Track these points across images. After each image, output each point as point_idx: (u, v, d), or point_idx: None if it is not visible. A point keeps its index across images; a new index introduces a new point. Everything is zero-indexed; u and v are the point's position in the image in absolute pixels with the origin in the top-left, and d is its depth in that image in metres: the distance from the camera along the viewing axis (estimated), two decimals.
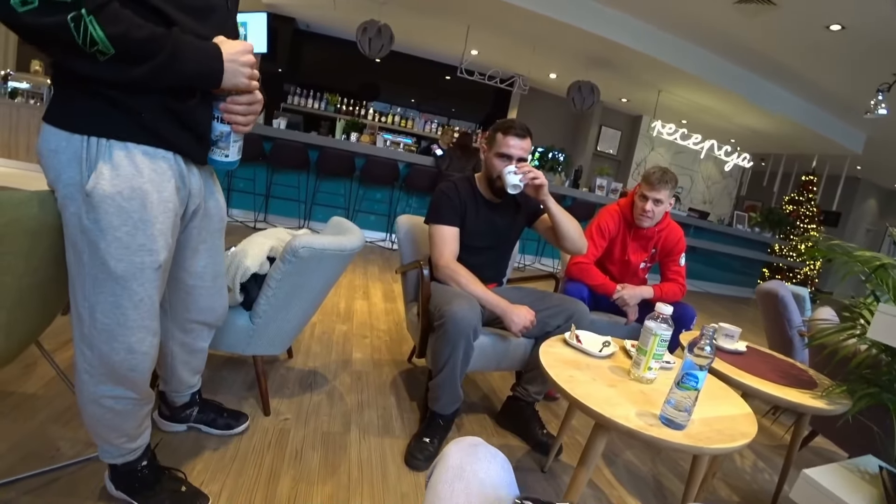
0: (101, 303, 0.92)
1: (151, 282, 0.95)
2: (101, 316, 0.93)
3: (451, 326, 1.48)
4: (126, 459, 1.14)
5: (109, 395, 1.02)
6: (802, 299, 2.64)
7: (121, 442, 1.10)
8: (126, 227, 0.89)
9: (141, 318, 0.96)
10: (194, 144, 0.99)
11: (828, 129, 6.90)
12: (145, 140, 0.89)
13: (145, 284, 0.94)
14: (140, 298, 0.94)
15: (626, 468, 1.84)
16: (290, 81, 7.66)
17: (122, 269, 0.90)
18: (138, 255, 0.91)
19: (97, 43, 0.75)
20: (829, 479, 1.24)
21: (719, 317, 5.28)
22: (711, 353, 0.95)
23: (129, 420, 1.09)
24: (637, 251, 2.27)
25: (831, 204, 8.59)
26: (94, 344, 0.96)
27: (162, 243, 0.94)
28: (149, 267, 0.93)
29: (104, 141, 0.86)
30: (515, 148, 1.70)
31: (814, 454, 2.31)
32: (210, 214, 1.15)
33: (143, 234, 0.90)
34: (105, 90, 0.83)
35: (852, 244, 1.66)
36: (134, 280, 0.92)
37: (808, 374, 1.73)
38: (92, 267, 0.90)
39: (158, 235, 0.93)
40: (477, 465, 0.64)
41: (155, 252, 0.93)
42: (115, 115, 0.86)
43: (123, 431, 1.09)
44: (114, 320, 0.94)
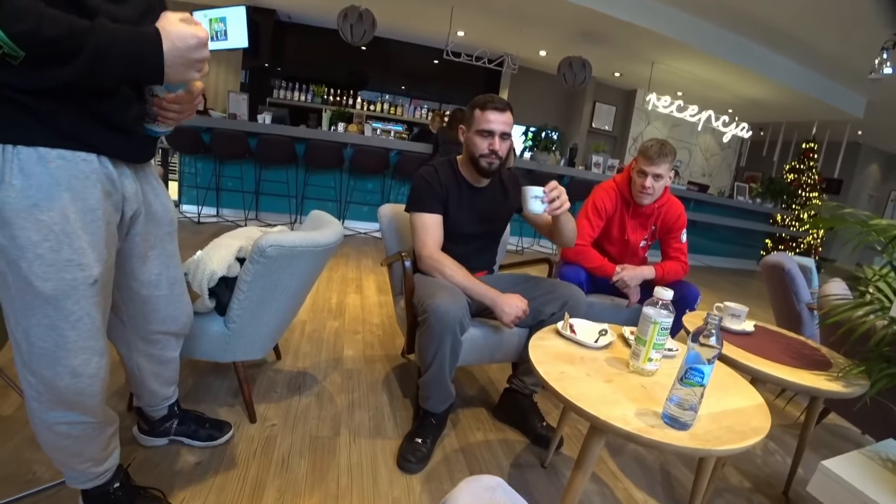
0: (34, 326, 0.84)
1: (88, 298, 0.85)
2: (37, 340, 0.85)
3: (434, 321, 1.38)
4: (95, 483, 1.07)
5: (63, 422, 0.95)
6: (809, 271, 2.53)
7: (85, 467, 1.04)
8: (48, 243, 0.79)
9: (82, 338, 0.87)
10: (124, 144, 0.88)
11: (827, 95, 6.72)
12: (61, 143, 0.78)
13: (81, 302, 0.85)
14: (77, 318, 0.85)
15: (633, 458, 1.76)
16: (275, 75, 7.50)
17: (50, 289, 0.81)
18: (67, 271, 0.81)
19: (0, 45, 0.63)
20: (848, 471, 1.15)
21: (723, 292, 5.19)
22: (718, 344, 0.85)
23: (90, 444, 1.02)
24: (636, 229, 2.16)
25: (833, 171, 8.43)
26: (36, 370, 0.88)
27: (93, 256, 0.84)
28: (82, 283, 0.83)
29: (11, 148, 0.75)
30: (497, 122, 1.59)
31: (828, 432, 2.23)
32: (156, 218, 1.05)
33: (69, 247, 0.81)
34: (9, 93, 0.72)
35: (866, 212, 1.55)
36: (67, 299, 0.83)
37: (822, 354, 1.63)
38: (18, 289, 0.81)
39: (88, 248, 0.83)
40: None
41: (86, 266, 0.83)
42: (23, 118, 0.75)
43: (87, 456, 1.03)
44: (52, 343, 0.85)
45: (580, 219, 2.12)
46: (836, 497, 1.15)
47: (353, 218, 5.23)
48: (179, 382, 1.77)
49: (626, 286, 2.03)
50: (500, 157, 1.65)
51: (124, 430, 1.41)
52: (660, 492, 1.59)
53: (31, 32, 0.64)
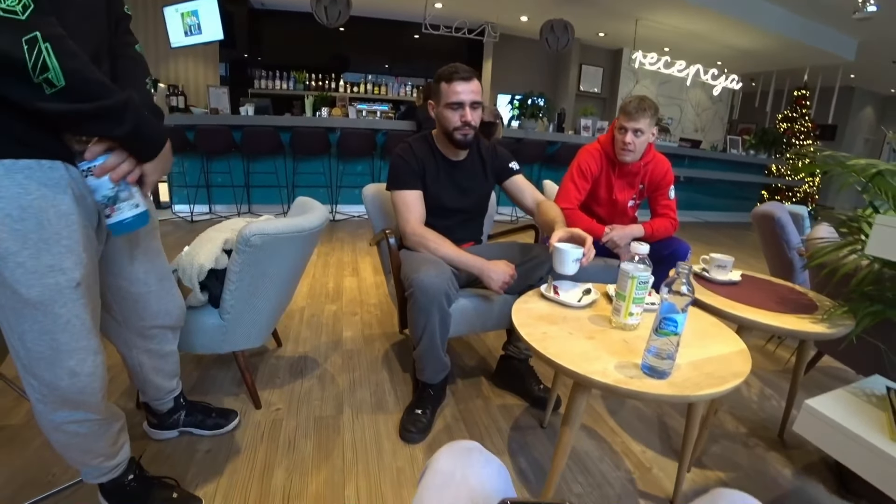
0: (27, 332, 0.87)
1: (74, 301, 0.88)
2: (32, 345, 0.88)
3: (420, 295, 1.40)
4: (110, 477, 1.12)
5: (70, 421, 0.98)
6: (801, 218, 2.54)
7: (98, 462, 1.08)
8: (27, 251, 0.81)
9: (74, 339, 0.90)
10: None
11: (817, 39, 6.61)
12: (24, 154, 0.79)
13: (68, 305, 0.87)
14: (67, 320, 0.88)
15: (631, 413, 1.80)
16: (255, 65, 7.39)
17: (36, 295, 0.83)
18: (50, 276, 0.83)
19: (48, 70, 0.69)
20: (833, 408, 1.18)
21: (721, 246, 5.20)
22: (690, 292, 0.87)
23: (100, 441, 1.06)
24: (623, 189, 2.16)
25: (826, 117, 8.35)
26: (36, 373, 0.91)
27: (74, 260, 0.86)
28: (66, 287, 0.86)
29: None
30: (465, 93, 1.58)
31: (823, 374, 2.27)
32: None
33: (48, 253, 0.83)
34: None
35: (845, 153, 1.55)
36: (54, 303, 0.85)
37: (808, 298, 1.66)
38: (6, 298, 0.83)
39: (67, 253, 0.85)
40: (468, 471, 0.58)
41: (67, 270, 0.85)
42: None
43: (98, 452, 1.07)
44: (46, 347, 0.88)
45: (565, 181, 2.12)
46: (822, 434, 1.19)
47: (346, 202, 5.23)
48: (184, 377, 1.81)
49: (616, 246, 2.04)
50: (473, 127, 1.64)
51: (135, 427, 1.46)
52: (657, 443, 1.64)
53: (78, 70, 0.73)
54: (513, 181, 1.82)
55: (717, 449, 1.64)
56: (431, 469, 0.59)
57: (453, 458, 0.59)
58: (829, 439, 1.15)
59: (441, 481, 0.57)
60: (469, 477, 0.57)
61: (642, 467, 1.51)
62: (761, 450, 1.66)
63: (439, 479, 0.57)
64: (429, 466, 0.60)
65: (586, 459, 1.52)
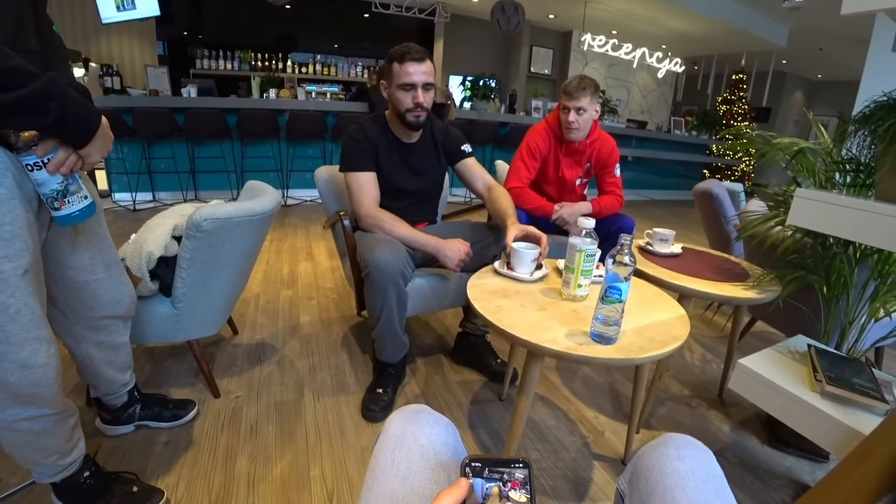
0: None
1: (22, 289, 0.84)
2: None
3: (376, 274, 1.42)
4: (64, 475, 1.08)
5: (22, 418, 0.94)
6: (737, 194, 2.70)
7: (52, 461, 1.04)
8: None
9: (24, 329, 0.86)
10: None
11: (753, 26, 6.94)
12: None
13: (16, 294, 0.83)
14: (16, 310, 0.84)
15: (583, 382, 1.90)
16: (195, 44, 7.01)
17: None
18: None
19: None
20: (762, 365, 1.29)
21: (665, 222, 5.45)
22: (631, 262, 0.93)
23: (54, 437, 1.01)
24: (571, 166, 2.23)
25: (761, 100, 8.82)
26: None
27: (19, 245, 0.82)
28: (12, 275, 0.82)
29: None
30: (417, 74, 1.58)
31: (756, 338, 2.45)
32: None
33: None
34: None
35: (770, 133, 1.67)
36: (1, 293, 0.82)
37: (742, 267, 1.79)
38: None
39: (12, 239, 0.81)
40: (418, 430, 0.61)
41: (13, 257, 0.82)
42: None
43: (52, 450, 1.02)
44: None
45: (515, 161, 2.18)
46: (753, 389, 1.30)
47: (297, 186, 5.11)
48: (137, 370, 1.76)
49: (566, 223, 2.11)
50: (425, 109, 1.64)
51: (87, 425, 1.40)
52: (609, 408, 1.74)
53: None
54: (464, 164, 1.84)
55: (663, 411, 1.76)
56: (384, 433, 0.63)
57: (403, 420, 0.63)
58: (760, 393, 1.27)
59: (394, 442, 0.60)
60: (419, 436, 0.60)
61: (595, 431, 1.60)
62: (703, 409, 1.79)
63: (392, 440, 0.61)
64: (382, 431, 0.64)
65: (543, 427, 1.60)
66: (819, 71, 10.30)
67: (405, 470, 0.58)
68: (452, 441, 0.64)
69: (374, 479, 0.59)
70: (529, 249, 1.36)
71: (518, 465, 0.47)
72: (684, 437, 0.62)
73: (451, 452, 0.62)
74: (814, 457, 1.57)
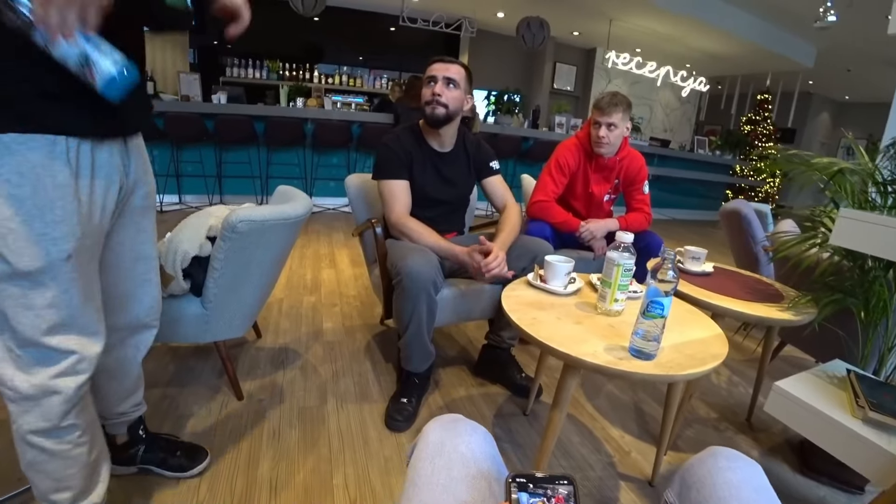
0: (11, 307, 0.82)
1: (64, 274, 0.84)
2: (14, 322, 0.82)
3: (408, 282, 1.41)
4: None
5: (36, 430, 0.88)
6: (765, 215, 2.66)
7: (64, 498, 0.93)
8: (20, 217, 0.78)
9: (59, 317, 0.85)
10: (87, 122, 0.85)
11: (780, 46, 6.89)
12: (27, 129, 0.78)
13: (57, 278, 0.83)
14: (54, 295, 0.83)
15: (609, 400, 1.86)
16: (227, 53, 7.19)
17: (25, 265, 0.80)
18: (40, 245, 0.80)
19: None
20: (799, 389, 1.25)
21: (688, 241, 5.36)
22: (675, 278, 0.91)
23: (69, 466, 0.92)
24: (599, 183, 2.22)
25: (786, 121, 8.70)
26: (14, 356, 0.85)
27: (65, 231, 0.83)
28: (55, 258, 0.82)
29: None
30: (439, 70, 1.65)
31: (785, 363, 2.39)
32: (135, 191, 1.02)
33: (41, 221, 0.80)
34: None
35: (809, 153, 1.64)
36: (43, 275, 0.82)
37: (775, 288, 1.75)
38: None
39: (59, 223, 0.82)
40: (457, 439, 0.61)
41: (59, 241, 0.82)
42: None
43: (65, 482, 0.92)
44: (29, 324, 0.83)
45: (543, 176, 2.18)
46: (791, 413, 1.26)
47: (321, 194, 5.17)
48: (161, 369, 1.78)
49: (593, 238, 2.10)
50: (443, 105, 1.65)
51: None
52: (634, 428, 1.70)
53: None
54: (490, 180, 1.88)
55: (690, 433, 1.71)
56: (422, 441, 0.62)
57: (441, 430, 0.62)
58: (797, 417, 1.23)
59: (433, 450, 0.60)
60: (458, 445, 0.60)
61: (621, 451, 1.57)
62: (731, 433, 1.74)
63: (431, 449, 0.60)
64: (420, 439, 0.63)
65: (567, 444, 1.57)
66: (847, 92, 10.15)
67: (446, 479, 0.57)
68: (491, 450, 0.63)
69: (414, 488, 0.58)
70: (564, 263, 1.35)
71: (562, 482, 0.47)
72: (731, 449, 0.62)
73: (491, 462, 0.61)
74: (848, 487, 1.51)
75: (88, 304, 0.90)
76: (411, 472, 0.60)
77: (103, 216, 0.91)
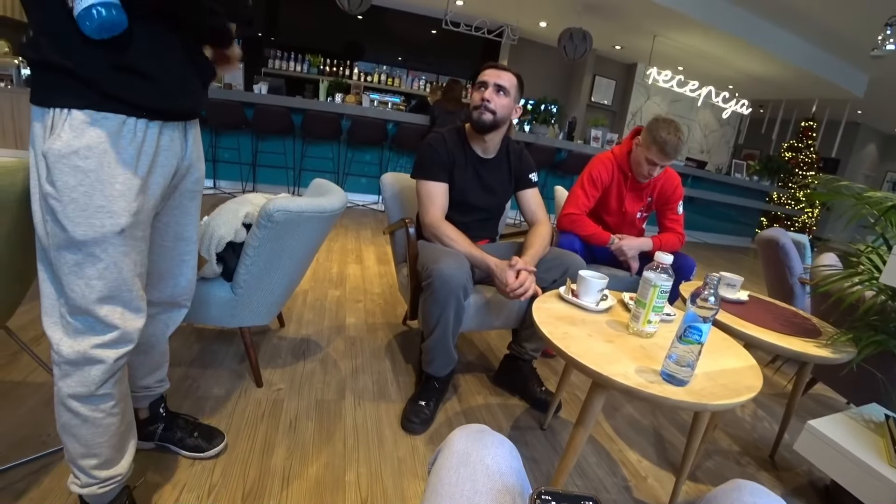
0: (66, 274, 0.85)
1: (116, 247, 0.86)
2: (67, 289, 0.86)
3: (438, 285, 1.41)
4: (93, 492, 0.98)
5: (77, 393, 0.91)
6: (803, 246, 2.58)
7: (89, 464, 0.96)
8: (83, 188, 0.81)
9: (108, 288, 0.87)
10: (160, 104, 0.88)
11: (829, 72, 6.68)
12: (103, 106, 0.82)
13: (108, 250, 0.86)
14: (105, 266, 0.86)
15: (627, 421, 1.82)
16: (270, 45, 7.34)
17: (81, 234, 0.83)
18: (97, 217, 0.83)
19: None
20: (833, 430, 1.20)
21: (718, 267, 5.25)
22: (716, 304, 0.89)
23: (98, 436, 0.95)
24: (633, 201, 2.18)
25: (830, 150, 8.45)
26: (63, 321, 0.88)
27: (122, 205, 0.85)
28: (109, 230, 0.85)
29: (65, 111, 0.80)
30: (490, 76, 1.63)
31: (814, 402, 2.30)
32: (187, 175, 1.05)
33: (101, 194, 0.83)
34: (62, 62, 0.78)
35: (861, 185, 1.58)
36: (96, 245, 0.84)
37: (812, 323, 1.69)
38: (55, 236, 0.84)
39: (118, 197, 0.85)
40: (483, 451, 0.59)
41: (114, 214, 0.85)
42: (73, 85, 0.80)
43: (91, 450, 0.95)
44: (80, 292, 0.86)
45: (575, 188, 2.15)
46: (822, 454, 1.21)
47: (352, 190, 5.22)
48: (185, 349, 1.82)
49: (625, 255, 2.06)
50: (491, 111, 1.63)
51: None
52: (652, 453, 1.66)
53: None
54: (526, 193, 1.86)
55: (710, 464, 1.66)
56: (447, 449, 0.61)
57: (467, 439, 0.61)
58: (828, 459, 1.18)
59: (458, 460, 0.58)
60: (484, 457, 0.59)
61: (638, 476, 1.53)
62: (752, 469, 1.68)
63: (455, 458, 0.59)
64: (444, 447, 0.62)
65: (583, 463, 1.54)
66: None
67: (470, 490, 0.56)
68: (516, 465, 0.62)
69: (436, 496, 0.57)
70: (598, 279, 1.32)
71: (587, 502, 0.47)
72: (757, 484, 0.59)
73: (516, 476, 0.60)
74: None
75: (135, 280, 0.92)
76: (434, 480, 0.59)
77: (157, 196, 0.94)
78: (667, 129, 1.92)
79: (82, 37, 0.76)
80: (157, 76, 0.86)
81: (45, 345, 1.71)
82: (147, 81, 0.85)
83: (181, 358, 1.75)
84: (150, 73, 0.85)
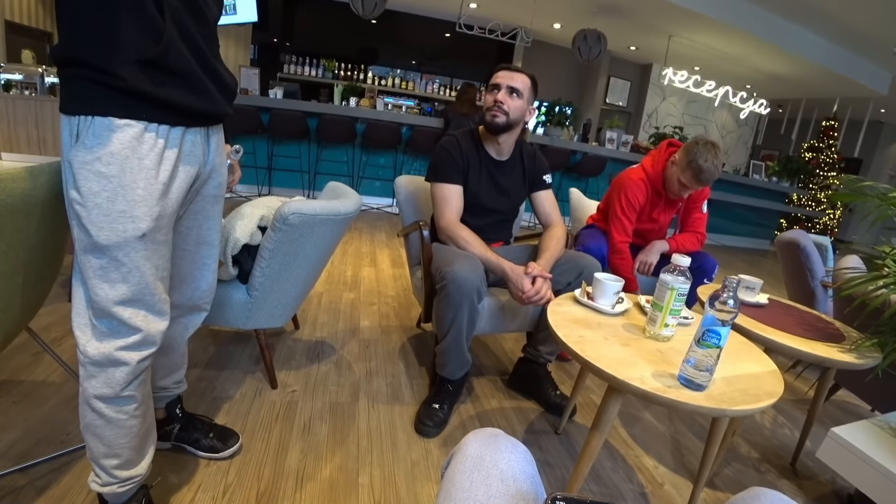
0: (91, 278, 0.87)
1: (137, 251, 0.88)
2: (92, 292, 0.88)
3: (453, 288, 1.40)
4: (112, 491, 0.99)
5: (100, 395, 0.93)
6: (825, 249, 2.52)
7: (110, 464, 0.97)
8: (106, 193, 0.83)
9: (131, 291, 0.89)
10: (184, 111, 0.90)
11: (851, 70, 6.53)
12: (125, 114, 0.83)
13: (130, 255, 0.87)
14: (128, 270, 0.88)
15: (643, 426, 1.80)
16: (285, 50, 7.44)
17: (104, 238, 0.85)
18: (119, 222, 0.85)
19: None
20: (858, 438, 1.17)
21: (737, 269, 5.16)
22: (735, 308, 0.87)
23: (120, 437, 0.96)
24: (666, 211, 2.16)
25: (853, 150, 8.25)
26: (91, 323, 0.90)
27: (144, 210, 0.87)
28: (131, 235, 0.86)
29: (90, 118, 0.82)
30: (503, 77, 1.63)
31: (837, 408, 2.25)
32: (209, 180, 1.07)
33: (123, 199, 0.84)
34: (88, 72, 0.80)
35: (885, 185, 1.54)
36: (118, 250, 0.86)
37: (835, 327, 1.64)
38: (80, 241, 0.86)
39: (140, 202, 0.86)
40: (497, 455, 0.59)
41: (136, 219, 0.86)
42: (98, 92, 0.81)
43: (113, 451, 0.97)
44: (104, 295, 0.88)
45: (618, 215, 2.06)
46: (845, 462, 1.18)
47: (366, 193, 5.25)
48: (200, 351, 1.83)
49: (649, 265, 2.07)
50: (504, 112, 1.63)
51: None
52: (669, 459, 1.63)
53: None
54: (540, 195, 1.84)
55: (728, 471, 1.63)
56: (461, 453, 0.61)
57: (481, 444, 0.61)
58: (853, 468, 1.15)
59: (471, 464, 0.58)
60: (498, 461, 0.58)
61: (654, 482, 1.51)
62: (773, 476, 1.65)
63: (469, 462, 0.59)
64: (457, 451, 0.62)
65: (599, 469, 1.52)
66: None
67: (483, 495, 0.56)
68: (531, 470, 0.61)
69: (449, 500, 0.57)
70: (613, 282, 1.31)
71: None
72: (778, 493, 0.58)
73: (531, 481, 0.59)
74: None
75: (158, 283, 0.94)
76: (447, 484, 0.59)
77: (179, 200, 0.95)
78: (706, 154, 1.85)
79: (110, 45, 0.77)
80: (183, 76, 0.88)
81: (66, 346, 1.75)
82: (167, 90, 0.86)
83: (197, 359, 1.78)
84: (169, 82, 0.86)
